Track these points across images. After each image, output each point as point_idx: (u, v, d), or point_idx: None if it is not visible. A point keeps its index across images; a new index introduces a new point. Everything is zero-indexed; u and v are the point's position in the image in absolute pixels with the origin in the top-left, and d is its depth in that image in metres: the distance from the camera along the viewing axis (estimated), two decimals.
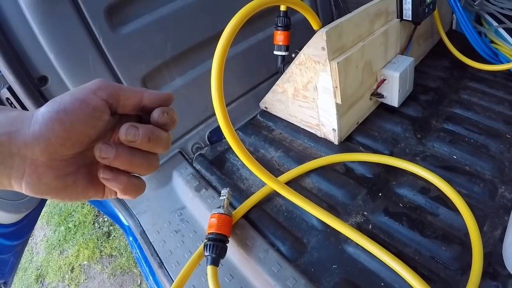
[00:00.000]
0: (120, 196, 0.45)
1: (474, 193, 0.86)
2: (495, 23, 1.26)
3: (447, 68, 1.29)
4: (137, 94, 0.43)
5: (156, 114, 0.43)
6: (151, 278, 1.10)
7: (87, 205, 2.69)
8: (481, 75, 1.23)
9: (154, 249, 0.93)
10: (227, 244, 0.79)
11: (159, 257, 0.91)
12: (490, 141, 0.97)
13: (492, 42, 1.28)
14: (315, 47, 0.87)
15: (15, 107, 0.86)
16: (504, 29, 1.23)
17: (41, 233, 2.70)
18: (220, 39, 0.74)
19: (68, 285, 2.29)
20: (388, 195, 0.90)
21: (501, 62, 1.21)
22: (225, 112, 0.73)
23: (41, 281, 2.39)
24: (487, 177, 0.89)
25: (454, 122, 1.05)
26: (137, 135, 0.40)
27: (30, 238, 2.62)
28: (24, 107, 0.86)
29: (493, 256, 0.73)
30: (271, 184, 0.85)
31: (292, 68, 0.99)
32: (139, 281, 2.17)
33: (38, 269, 2.46)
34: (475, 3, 1.28)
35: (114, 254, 2.36)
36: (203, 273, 0.81)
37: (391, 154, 0.99)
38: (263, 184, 0.94)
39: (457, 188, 0.85)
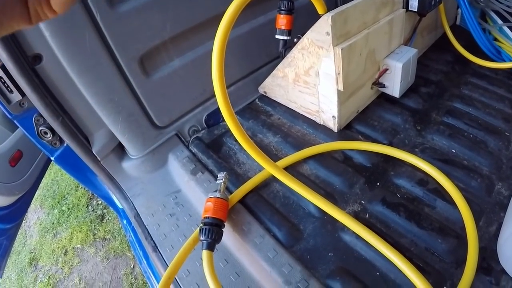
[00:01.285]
0: (44, 10, 0.31)
1: (471, 187, 0.85)
2: (499, 21, 1.25)
3: (449, 62, 1.28)
4: None
5: None
6: (144, 261, 1.10)
7: (81, 188, 2.68)
8: (483, 72, 1.22)
9: (149, 232, 0.92)
10: (223, 229, 0.78)
11: (153, 241, 0.90)
12: (489, 137, 0.97)
13: (495, 39, 1.27)
14: (319, 32, 0.86)
15: (8, 86, 0.85)
16: (509, 27, 1.23)
17: (34, 216, 2.68)
18: (222, 20, 0.72)
19: (62, 268, 2.28)
20: (386, 185, 0.89)
21: (504, 60, 1.20)
22: (225, 93, 0.71)
23: (34, 264, 2.39)
24: (484, 173, 0.88)
25: (454, 116, 1.04)
26: None
27: (24, 221, 2.61)
28: (17, 87, 0.84)
29: (487, 251, 0.73)
30: (269, 168, 0.84)
31: (294, 52, 0.97)
32: (132, 265, 2.16)
33: (32, 252, 2.45)
34: (481, 0, 1.27)
35: (107, 237, 2.35)
36: (197, 258, 0.81)
37: (390, 144, 0.98)
38: (260, 169, 0.94)
39: (455, 182, 0.84)
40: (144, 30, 0.95)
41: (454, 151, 0.95)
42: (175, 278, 0.79)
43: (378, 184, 0.89)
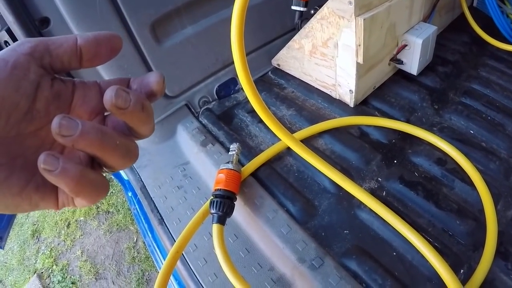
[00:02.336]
0: (74, 203, 0.33)
1: (489, 170, 0.82)
2: None
3: (466, 43, 1.24)
4: (68, 38, 0.33)
5: (153, 78, 0.34)
6: (149, 235, 1.08)
7: None
8: (500, 55, 1.18)
9: (155, 205, 0.90)
10: (234, 202, 0.76)
11: (159, 214, 0.88)
12: (507, 120, 0.93)
13: None
14: (341, 1, 0.82)
15: None
16: None
17: None
18: None
19: (64, 240, 2.29)
20: (404, 163, 0.86)
21: None
22: (244, 59, 0.68)
23: (37, 236, 2.40)
24: (502, 156, 0.85)
25: (472, 97, 1.01)
26: (128, 99, 0.29)
27: None
28: None
29: (505, 235, 0.71)
30: (286, 140, 0.80)
31: (313, 22, 0.93)
32: (135, 239, 2.16)
33: (34, 224, 2.46)
34: None
35: (111, 210, 2.35)
36: (205, 232, 0.79)
37: (408, 122, 0.95)
38: (273, 142, 0.91)
39: (473, 163, 0.81)
40: None
41: (472, 132, 0.92)
42: (182, 253, 0.77)
43: (395, 161, 0.86)
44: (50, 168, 0.27)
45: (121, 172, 1.07)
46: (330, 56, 0.96)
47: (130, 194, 1.20)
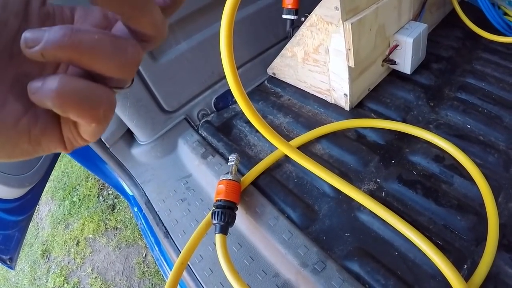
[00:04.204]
0: (80, 133, 0.29)
1: (488, 163, 0.83)
2: None
3: (460, 38, 1.25)
4: None
5: None
6: (156, 248, 1.09)
7: (92, 178, 2.68)
8: (494, 47, 1.19)
9: (160, 218, 0.91)
10: (235, 212, 0.77)
11: (164, 227, 0.89)
12: (504, 112, 0.94)
13: (505, 14, 1.23)
14: (328, 7, 0.83)
15: None
16: None
17: (46, 208, 2.69)
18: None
19: (74, 258, 2.30)
20: (402, 162, 0.87)
21: None
22: (234, 70, 0.69)
23: (47, 256, 2.40)
24: (501, 148, 0.86)
25: (468, 92, 1.02)
26: None
27: (35, 214, 2.63)
28: None
29: (508, 228, 0.71)
30: (282, 148, 0.82)
31: (303, 30, 0.95)
32: (144, 253, 2.17)
33: (44, 244, 2.47)
34: None
35: (119, 226, 2.36)
36: (210, 242, 0.79)
37: (404, 121, 0.96)
38: (272, 151, 0.92)
39: (471, 158, 0.82)
40: None
41: (469, 126, 0.92)
42: (188, 264, 0.78)
43: (393, 161, 0.87)
44: (31, 44, 0.24)
45: (126, 187, 1.08)
46: (322, 61, 0.97)
47: (136, 209, 1.21)
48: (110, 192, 2.57)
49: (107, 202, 2.52)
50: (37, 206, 2.57)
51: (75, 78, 0.25)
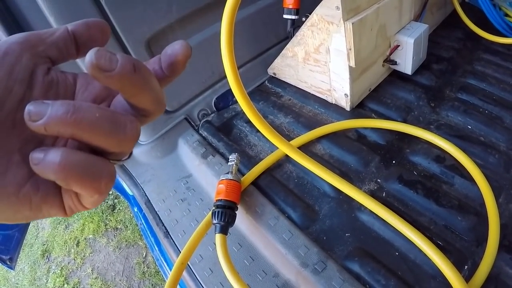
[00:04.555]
0: (81, 201, 0.30)
1: (489, 164, 0.83)
2: None
3: (460, 39, 1.25)
4: (59, 27, 0.31)
5: (178, 46, 0.30)
6: (156, 248, 1.09)
7: None
8: (495, 48, 1.18)
9: (160, 218, 0.91)
10: (236, 212, 0.77)
11: (164, 227, 0.88)
12: (505, 113, 0.94)
13: (506, 15, 1.23)
14: (329, 7, 0.83)
15: None
16: None
17: None
18: None
19: (74, 259, 2.30)
20: (402, 162, 0.87)
21: None
22: (235, 71, 0.69)
23: (47, 256, 2.40)
24: (502, 149, 0.86)
25: (468, 93, 1.01)
26: (114, 59, 0.25)
27: None
28: None
29: (508, 228, 0.71)
30: (283, 147, 0.81)
31: (304, 30, 0.95)
32: (144, 254, 2.17)
33: (44, 244, 2.47)
34: None
35: (119, 227, 2.36)
36: (210, 242, 0.79)
37: (405, 121, 0.96)
38: (272, 151, 0.92)
39: (472, 158, 0.82)
40: (149, 13, 0.93)
41: (470, 127, 0.92)
42: (188, 264, 0.77)
43: (393, 162, 0.87)
44: (35, 117, 0.24)
45: (126, 187, 1.08)
46: (323, 61, 0.97)
47: (136, 209, 1.20)
48: (111, 192, 2.56)
49: (107, 202, 2.52)
50: None
51: (77, 152, 0.26)
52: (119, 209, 2.46)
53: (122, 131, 0.27)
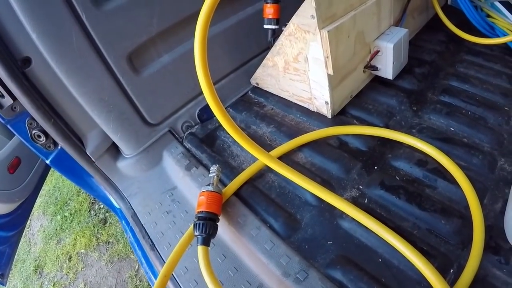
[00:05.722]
0: None
1: (473, 165, 0.83)
2: None
3: (443, 42, 1.26)
4: None
5: None
6: (144, 261, 1.08)
7: (83, 193, 2.67)
8: (477, 49, 1.19)
9: (146, 231, 0.91)
10: (217, 223, 0.76)
11: (151, 240, 0.88)
12: (488, 113, 0.95)
13: (488, 16, 1.24)
14: (305, 16, 0.84)
15: None
16: (500, 2, 1.20)
17: (37, 223, 2.68)
18: (200, 12, 0.70)
19: (67, 274, 2.28)
20: (384, 168, 0.87)
21: (498, 36, 1.18)
22: (211, 87, 0.70)
23: (39, 271, 2.38)
24: (486, 149, 0.86)
25: (451, 95, 1.02)
26: None
27: (27, 229, 2.61)
28: (8, 91, 0.83)
29: (494, 229, 0.71)
30: (263, 158, 0.82)
31: (282, 40, 0.95)
32: (136, 267, 2.15)
33: (36, 260, 2.45)
34: None
35: (110, 240, 2.34)
36: (195, 254, 0.79)
37: (387, 126, 0.96)
38: (255, 161, 0.92)
39: (455, 161, 0.82)
40: (130, 27, 0.94)
41: (452, 129, 0.93)
42: (173, 276, 0.77)
43: (375, 168, 0.87)
44: None
45: (113, 201, 1.08)
46: (302, 70, 0.97)
47: (123, 222, 1.20)
48: (102, 206, 2.55)
49: (98, 216, 2.50)
50: (29, 221, 2.56)
51: None
52: (111, 222, 2.44)
53: None
